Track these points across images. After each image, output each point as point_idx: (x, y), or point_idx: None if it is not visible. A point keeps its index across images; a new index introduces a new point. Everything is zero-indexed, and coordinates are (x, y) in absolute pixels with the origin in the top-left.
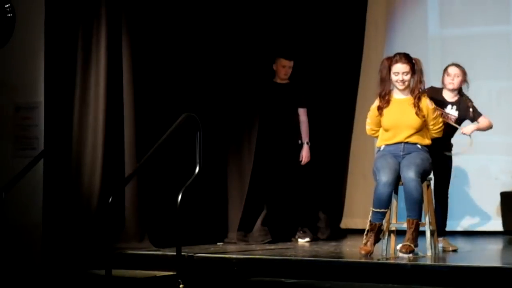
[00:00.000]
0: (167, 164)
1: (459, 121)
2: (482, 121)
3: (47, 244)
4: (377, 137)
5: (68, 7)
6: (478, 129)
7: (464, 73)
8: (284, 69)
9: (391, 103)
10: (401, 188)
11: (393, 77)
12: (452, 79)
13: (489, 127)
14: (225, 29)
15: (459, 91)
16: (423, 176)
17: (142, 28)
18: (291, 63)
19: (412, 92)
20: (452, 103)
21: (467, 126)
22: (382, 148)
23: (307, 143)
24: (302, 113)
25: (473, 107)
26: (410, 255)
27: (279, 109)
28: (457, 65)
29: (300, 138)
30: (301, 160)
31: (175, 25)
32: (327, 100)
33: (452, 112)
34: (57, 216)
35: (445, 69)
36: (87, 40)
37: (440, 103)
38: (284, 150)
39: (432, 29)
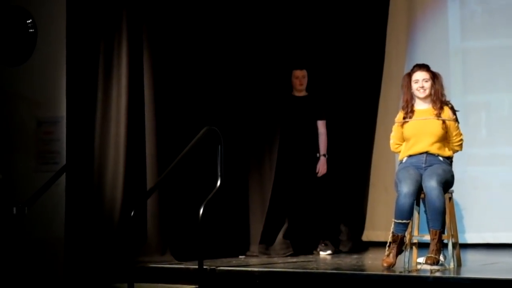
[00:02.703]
0: (189, 177)
1: None
2: None
3: (70, 258)
4: (399, 152)
5: (90, 21)
6: None
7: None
8: (297, 80)
9: (414, 114)
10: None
11: (414, 86)
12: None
13: None
14: (247, 43)
15: None
16: (445, 187)
17: (163, 42)
18: (303, 73)
19: (434, 102)
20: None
21: None
22: (404, 161)
23: (324, 155)
24: (321, 125)
25: None
26: (436, 267)
27: (298, 122)
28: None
29: (318, 150)
30: (318, 172)
31: (196, 39)
32: (349, 113)
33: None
34: (79, 230)
35: None
36: (108, 54)
37: None
38: (304, 163)
39: (453, 42)
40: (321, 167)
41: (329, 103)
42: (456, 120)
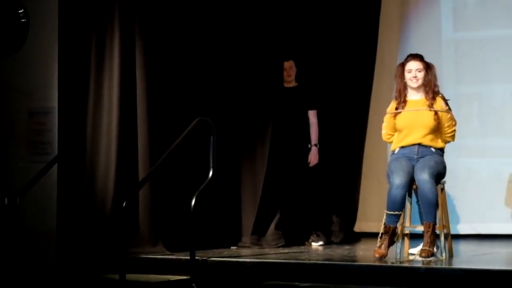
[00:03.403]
0: (181, 168)
1: None
2: None
3: (62, 249)
4: (391, 142)
5: (82, 12)
6: None
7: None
8: (285, 71)
9: (406, 105)
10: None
11: (407, 76)
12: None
13: None
14: (239, 34)
15: None
16: (437, 179)
17: (156, 33)
18: (290, 64)
19: (426, 93)
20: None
21: None
22: (396, 151)
23: (316, 145)
24: (312, 115)
25: None
26: (431, 258)
27: (289, 113)
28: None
29: (310, 140)
30: (310, 162)
31: (188, 30)
32: (341, 103)
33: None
34: (71, 221)
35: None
36: (100, 44)
37: None
38: (295, 153)
39: (446, 32)
40: (313, 157)
41: (321, 93)
42: (449, 109)
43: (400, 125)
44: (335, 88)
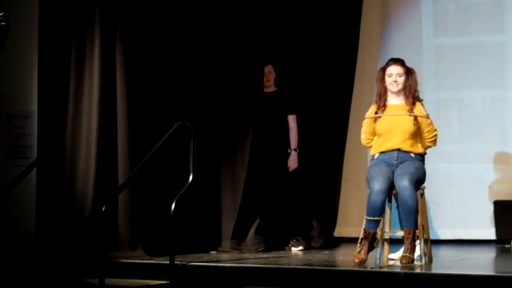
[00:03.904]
0: (161, 172)
1: None
2: None
3: (40, 253)
4: (371, 147)
5: (62, 15)
6: None
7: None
8: (264, 76)
9: (386, 109)
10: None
11: (387, 80)
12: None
13: None
14: (220, 39)
15: None
16: (417, 185)
17: (136, 36)
18: (268, 68)
19: (406, 98)
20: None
21: None
22: (376, 157)
23: (295, 150)
24: (291, 119)
25: None
26: (411, 265)
27: (268, 117)
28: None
29: (289, 145)
30: (289, 167)
31: (169, 34)
32: (321, 107)
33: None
34: (50, 225)
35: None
36: (80, 48)
37: None
38: (275, 158)
39: (426, 38)
40: (292, 162)
41: (302, 97)
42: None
43: (380, 130)
44: (315, 92)
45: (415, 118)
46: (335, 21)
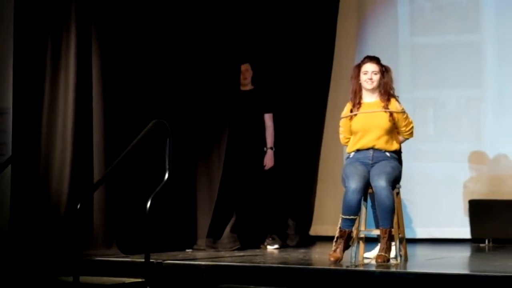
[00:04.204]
0: (136, 170)
1: None
2: None
3: (15, 251)
4: None
5: (38, 12)
6: None
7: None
8: (241, 74)
9: (361, 107)
10: (370, 196)
11: (362, 77)
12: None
13: None
14: (197, 36)
15: None
16: (393, 184)
17: (112, 34)
18: (246, 66)
19: (381, 95)
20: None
21: None
22: (351, 156)
23: (271, 148)
24: (268, 118)
25: None
26: (387, 264)
27: (245, 116)
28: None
29: (266, 143)
30: (265, 165)
31: (146, 31)
32: (298, 106)
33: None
34: (24, 223)
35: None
36: (56, 45)
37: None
38: (251, 156)
39: (403, 37)
40: (268, 161)
41: (278, 96)
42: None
43: (355, 128)
44: (291, 91)
45: (391, 114)
46: (312, 20)
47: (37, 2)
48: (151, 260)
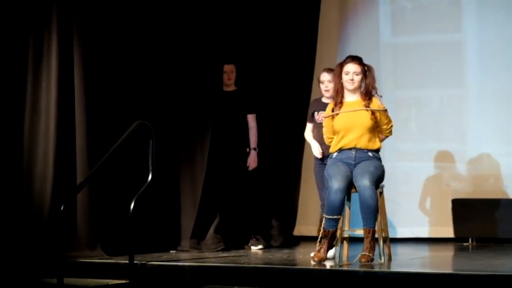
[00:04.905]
0: (120, 172)
1: None
2: None
3: None
4: None
5: (19, 12)
6: None
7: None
8: (225, 74)
9: (343, 106)
10: (354, 196)
11: (344, 77)
12: (326, 86)
13: None
14: (179, 37)
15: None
16: (376, 184)
17: (94, 34)
18: (231, 67)
19: (363, 94)
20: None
21: None
22: (334, 156)
23: (255, 149)
24: (251, 119)
25: None
26: (371, 263)
27: (228, 116)
28: (328, 70)
29: (249, 144)
30: (248, 166)
31: (128, 32)
32: (280, 106)
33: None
34: (7, 224)
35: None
36: (38, 46)
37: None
38: (234, 157)
39: (384, 37)
40: (252, 161)
41: (260, 97)
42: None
43: (338, 127)
44: (274, 91)
45: (373, 113)
46: (293, 19)
47: (17, 3)
48: (135, 262)
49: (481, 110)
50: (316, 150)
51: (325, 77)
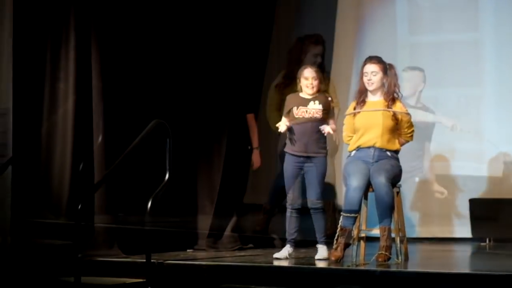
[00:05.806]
0: (137, 171)
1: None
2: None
3: (16, 252)
4: None
5: (37, 14)
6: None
7: (318, 72)
8: None
9: (365, 105)
10: (370, 196)
11: (364, 78)
12: (312, 83)
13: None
14: (197, 38)
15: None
16: (393, 182)
17: (112, 36)
18: None
19: (385, 94)
20: (312, 99)
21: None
22: (352, 154)
23: (257, 148)
24: (251, 118)
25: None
26: (387, 263)
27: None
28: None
29: (250, 143)
30: (252, 165)
31: (145, 33)
32: None
33: (316, 106)
34: (25, 224)
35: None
36: (56, 47)
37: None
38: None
39: (401, 36)
40: (256, 160)
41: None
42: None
43: (358, 125)
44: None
45: (394, 114)
46: (311, 20)
47: (36, 5)
48: (152, 260)
49: (499, 110)
50: (283, 124)
51: (311, 73)
